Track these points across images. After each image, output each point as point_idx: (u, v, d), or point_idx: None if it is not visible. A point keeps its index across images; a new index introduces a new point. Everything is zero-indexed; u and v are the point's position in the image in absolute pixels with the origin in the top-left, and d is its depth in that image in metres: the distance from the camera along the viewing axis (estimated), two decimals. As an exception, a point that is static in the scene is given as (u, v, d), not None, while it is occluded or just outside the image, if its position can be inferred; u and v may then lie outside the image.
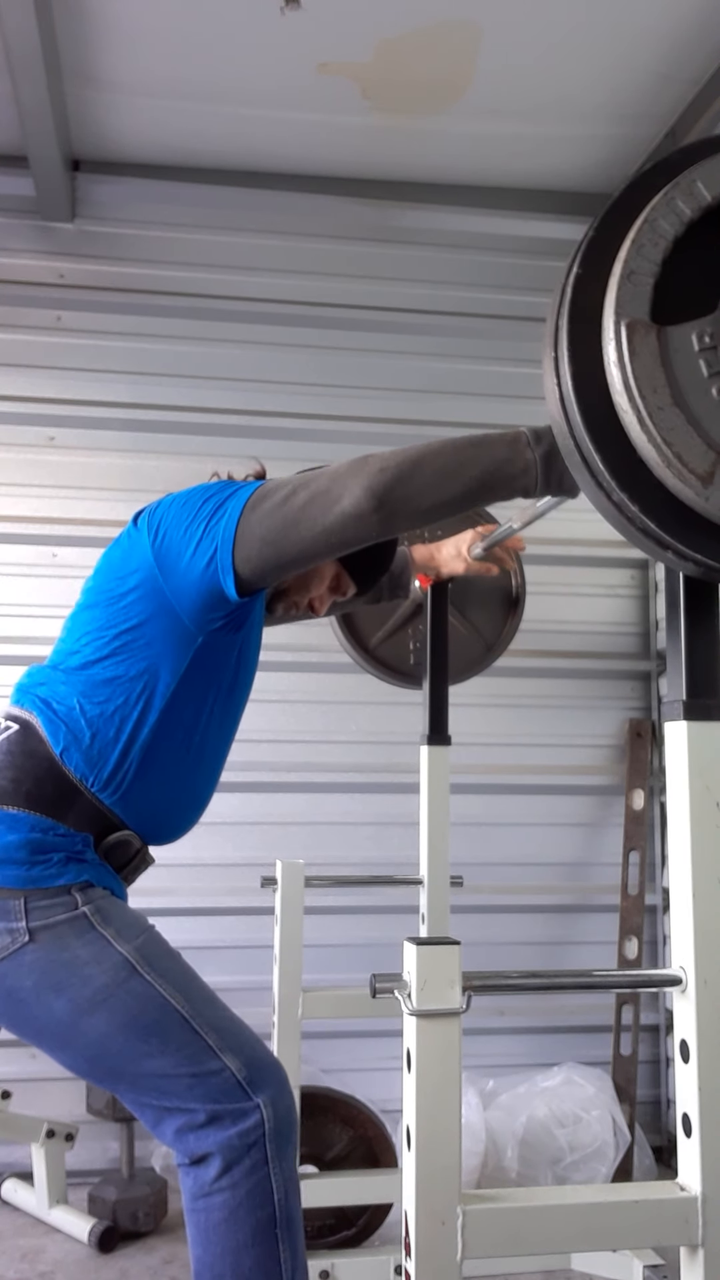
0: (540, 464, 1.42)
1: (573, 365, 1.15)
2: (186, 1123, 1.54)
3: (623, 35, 2.82)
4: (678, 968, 1.24)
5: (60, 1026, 1.54)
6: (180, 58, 2.94)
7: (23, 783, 1.60)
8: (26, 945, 1.52)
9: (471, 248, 3.61)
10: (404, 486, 1.46)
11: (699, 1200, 1.19)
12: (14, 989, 1.53)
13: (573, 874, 3.47)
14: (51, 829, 1.58)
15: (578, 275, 1.17)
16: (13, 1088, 2.88)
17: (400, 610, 2.66)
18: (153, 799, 1.67)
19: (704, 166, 1.16)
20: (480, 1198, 1.19)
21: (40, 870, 1.55)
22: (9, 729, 1.66)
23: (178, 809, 1.75)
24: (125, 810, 1.64)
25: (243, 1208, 1.50)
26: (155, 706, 1.64)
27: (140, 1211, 2.71)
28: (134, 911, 1.63)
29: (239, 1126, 1.52)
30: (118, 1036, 1.53)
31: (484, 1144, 2.84)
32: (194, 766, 1.73)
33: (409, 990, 1.19)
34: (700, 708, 1.24)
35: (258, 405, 3.45)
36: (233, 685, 1.74)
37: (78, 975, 1.52)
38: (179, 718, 1.66)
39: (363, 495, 1.47)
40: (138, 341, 3.43)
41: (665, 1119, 3.38)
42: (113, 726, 1.63)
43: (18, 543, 3.32)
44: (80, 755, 1.61)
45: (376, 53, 2.90)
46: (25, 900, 1.53)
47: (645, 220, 1.14)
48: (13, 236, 3.40)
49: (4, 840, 1.55)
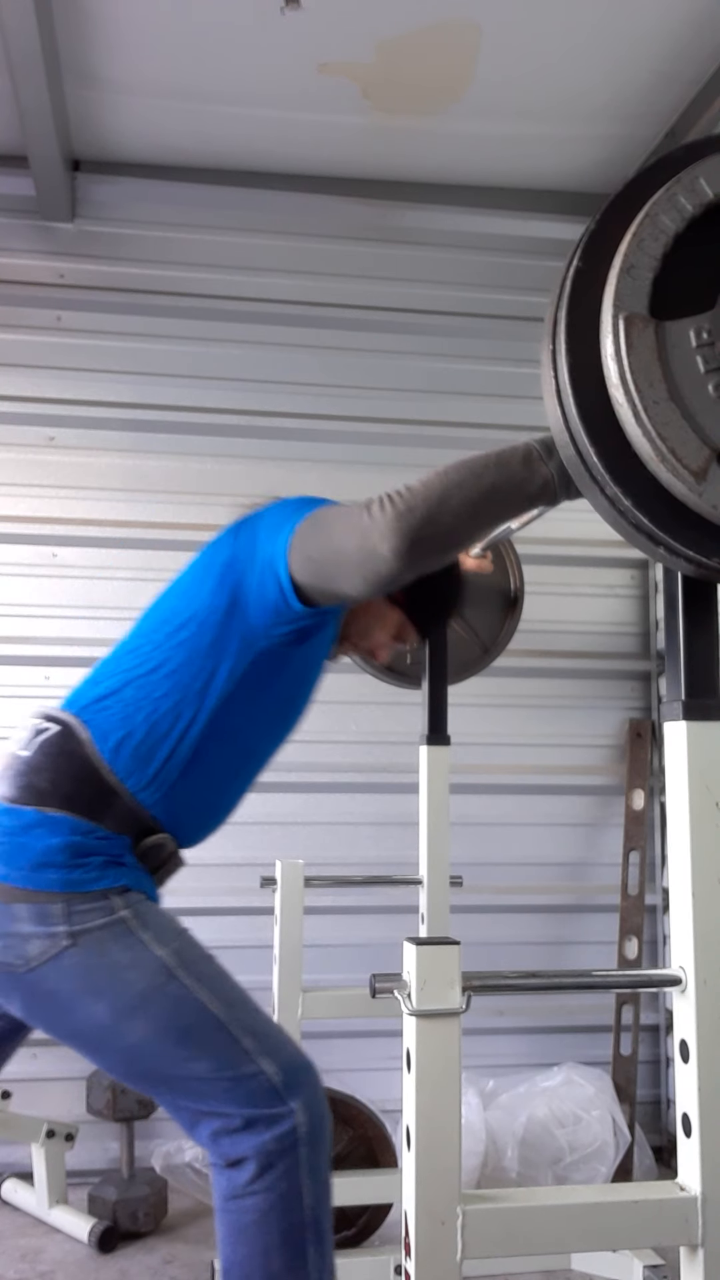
0: (557, 475, 1.38)
1: (570, 358, 1.15)
2: (222, 1126, 1.55)
3: (623, 35, 2.82)
4: (677, 968, 1.24)
5: (99, 1030, 1.54)
6: (181, 58, 2.94)
7: (61, 784, 1.59)
8: (67, 950, 1.52)
9: (471, 248, 3.61)
10: (431, 527, 1.41)
11: (699, 1200, 1.19)
12: (54, 992, 1.54)
13: (573, 874, 3.47)
14: (91, 831, 1.58)
15: (578, 269, 1.17)
16: (13, 1088, 2.88)
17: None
18: (192, 800, 1.67)
19: (708, 163, 1.17)
20: (480, 1198, 1.19)
21: (80, 874, 1.55)
22: (48, 730, 1.65)
23: (212, 812, 1.75)
24: (164, 810, 1.64)
25: (274, 1211, 1.52)
26: (208, 706, 1.64)
27: (140, 1211, 2.71)
28: (169, 914, 1.63)
29: (273, 1131, 1.53)
30: (155, 1040, 1.53)
31: (484, 1144, 2.84)
32: (235, 772, 1.73)
33: (409, 990, 1.19)
34: (700, 707, 1.24)
35: (258, 405, 3.45)
36: (287, 700, 1.73)
37: (118, 979, 1.53)
38: (229, 722, 1.66)
39: (398, 539, 1.41)
40: (138, 341, 3.43)
41: (665, 1119, 3.38)
42: (167, 722, 1.63)
43: (18, 543, 3.32)
44: (130, 751, 1.61)
45: (376, 53, 2.90)
46: (66, 904, 1.53)
47: (647, 215, 1.14)
48: (13, 236, 3.40)
49: (45, 843, 1.55)
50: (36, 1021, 1.60)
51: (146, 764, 1.61)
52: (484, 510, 1.41)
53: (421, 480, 1.44)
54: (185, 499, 3.39)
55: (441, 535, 1.42)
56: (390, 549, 1.41)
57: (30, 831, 1.56)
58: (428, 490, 1.42)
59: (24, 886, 1.53)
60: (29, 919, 1.52)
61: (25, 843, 1.56)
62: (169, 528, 3.36)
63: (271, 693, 1.69)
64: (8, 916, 1.53)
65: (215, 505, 3.41)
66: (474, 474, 1.42)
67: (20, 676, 3.26)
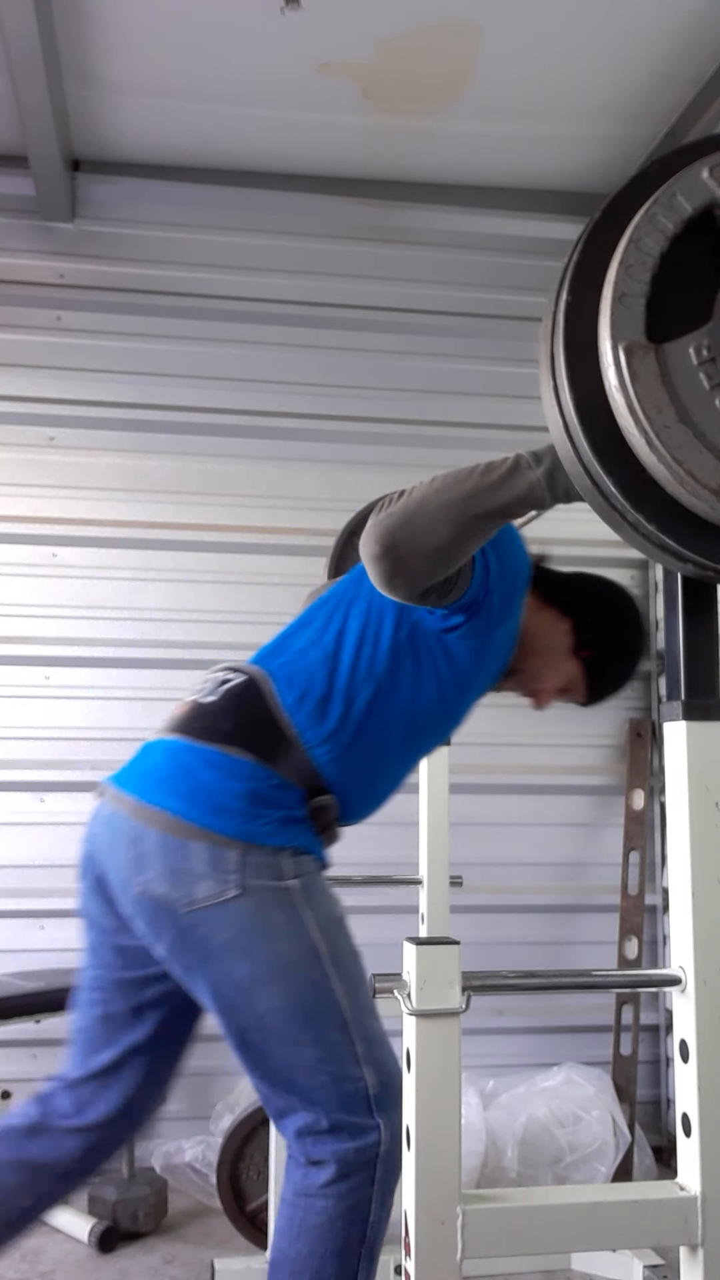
0: (545, 481, 1.40)
1: (574, 392, 1.15)
2: (309, 1126, 1.57)
3: (623, 35, 2.82)
4: (677, 967, 1.24)
5: (234, 989, 1.56)
6: (180, 58, 2.94)
7: (243, 728, 1.64)
8: (233, 900, 1.54)
9: (471, 248, 3.61)
10: (408, 528, 1.43)
11: (699, 1200, 1.19)
12: (206, 939, 1.56)
13: (573, 874, 3.47)
14: (268, 778, 1.61)
15: (569, 303, 1.16)
16: (13, 1088, 2.88)
17: None
18: (357, 767, 1.70)
19: (682, 177, 1.16)
20: (480, 1198, 1.19)
21: (258, 825, 1.57)
22: (233, 680, 1.71)
23: (373, 785, 1.77)
24: (333, 771, 1.67)
25: (340, 1219, 1.54)
26: (375, 675, 1.67)
27: (140, 1211, 2.71)
28: (334, 899, 1.65)
29: (357, 1142, 1.55)
30: (280, 1015, 1.55)
31: (484, 1144, 2.84)
32: (397, 752, 1.75)
33: (408, 990, 1.19)
34: (699, 708, 1.24)
35: (258, 405, 3.45)
36: (450, 689, 1.73)
37: (269, 946, 1.55)
38: (395, 698, 1.68)
39: (373, 542, 1.45)
40: (138, 341, 3.43)
41: (665, 1119, 3.38)
42: (342, 682, 1.66)
43: (18, 543, 3.32)
44: (311, 706, 1.65)
45: (376, 53, 2.90)
46: (242, 853, 1.55)
47: (630, 240, 1.14)
48: (13, 236, 3.40)
49: (225, 785, 1.58)
50: (176, 964, 1.60)
51: (322, 720, 1.65)
52: (461, 514, 1.41)
53: (415, 485, 1.47)
54: (185, 499, 3.39)
55: (417, 538, 1.43)
56: (371, 552, 1.45)
57: (212, 771, 1.60)
58: (409, 495, 1.45)
59: (203, 826, 1.56)
60: (203, 860, 1.55)
61: (206, 782, 1.59)
62: (169, 528, 3.37)
63: (435, 677, 1.70)
64: (182, 853, 1.55)
65: (215, 505, 3.41)
66: (457, 479, 1.44)
67: (20, 676, 3.26)
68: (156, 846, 1.57)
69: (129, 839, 1.60)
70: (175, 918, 1.56)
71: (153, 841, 1.58)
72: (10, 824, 3.21)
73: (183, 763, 1.63)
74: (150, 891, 1.57)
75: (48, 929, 3.18)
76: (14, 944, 3.16)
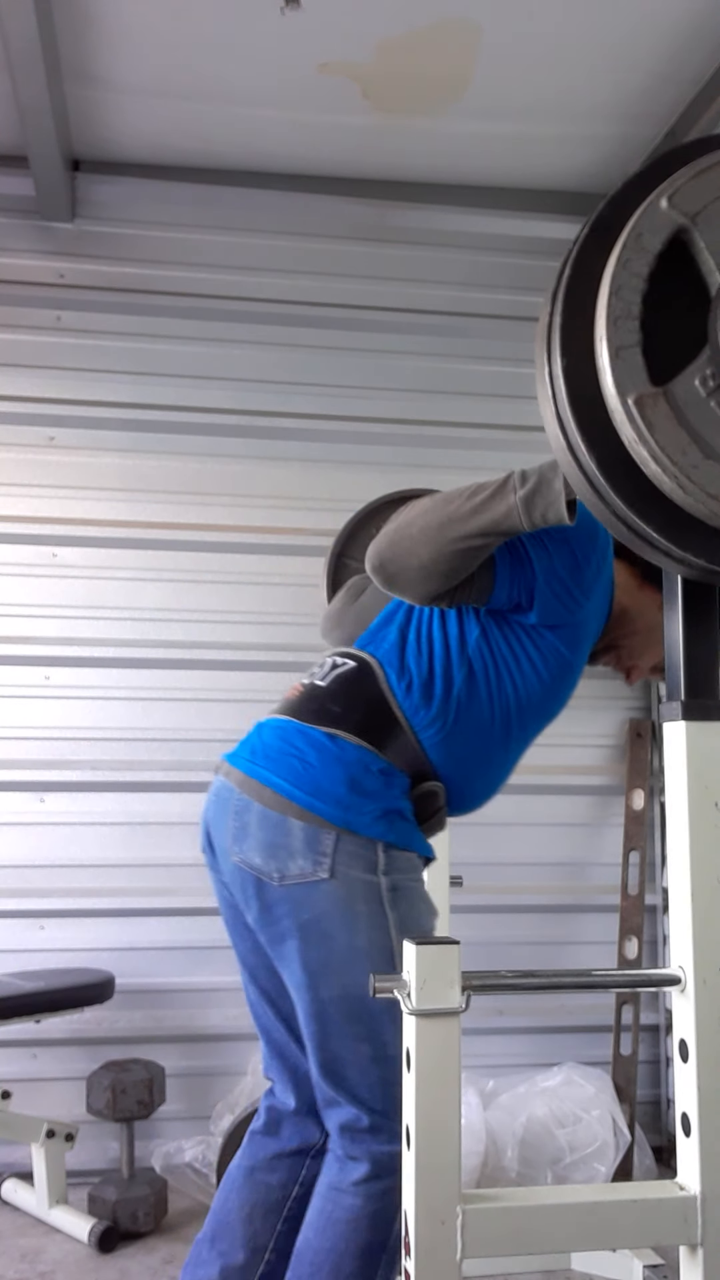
0: (521, 507, 1.48)
1: (594, 451, 1.16)
2: (350, 1123, 1.60)
3: (623, 35, 2.82)
4: (677, 967, 1.24)
5: (305, 970, 1.60)
6: (180, 58, 2.94)
7: (353, 712, 1.67)
8: (323, 881, 1.58)
9: (471, 248, 3.60)
10: (394, 549, 1.56)
11: (698, 1200, 1.19)
12: (289, 914, 1.60)
13: (573, 874, 3.47)
14: (374, 762, 1.64)
15: (566, 365, 1.16)
16: (13, 1088, 2.88)
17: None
18: (466, 752, 1.72)
19: (644, 214, 1.15)
20: (480, 1197, 1.19)
21: (355, 815, 1.60)
22: (345, 665, 1.74)
23: (482, 773, 1.79)
24: (440, 755, 1.70)
25: (366, 1220, 1.57)
26: (469, 660, 1.70)
27: (140, 1211, 2.71)
28: (426, 906, 1.67)
29: (393, 1146, 1.58)
30: (343, 1005, 1.58)
31: (484, 1144, 2.84)
32: (501, 737, 1.76)
33: (409, 990, 1.20)
34: (699, 708, 1.24)
35: (258, 405, 3.45)
36: (544, 671, 1.74)
37: (346, 935, 1.58)
38: (491, 681, 1.71)
39: (369, 558, 1.60)
40: (138, 341, 3.43)
41: (665, 1119, 3.38)
42: (438, 667, 1.69)
43: (18, 543, 3.32)
44: (417, 690, 1.68)
45: (376, 53, 2.90)
46: (338, 838, 1.58)
47: (611, 292, 1.13)
48: (13, 236, 3.40)
49: (329, 769, 1.62)
50: (262, 933, 1.65)
51: (428, 705, 1.68)
52: (438, 538, 1.52)
53: (407, 506, 1.59)
54: (185, 499, 3.39)
55: (401, 558, 1.56)
56: (368, 566, 1.60)
57: (317, 752, 1.63)
58: (404, 513, 1.57)
59: (304, 806, 1.59)
60: (300, 838, 1.58)
61: (311, 763, 1.63)
62: (169, 528, 3.37)
63: (525, 662, 1.72)
64: (283, 828, 1.60)
65: (215, 505, 3.41)
66: (445, 501, 1.54)
67: (20, 676, 3.26)
68: (257, 819, 1.62)
69: (234, 810, 1.66)
70: (264, 889, 1.61)
71: (255, 814, 1.63)
72: (10, 824, 3.21)
73: (291, 742, 1.67)
74: (247, 861, 1.62)
75: (48, 929, 3.19)
76: (14, 944, 3.16)
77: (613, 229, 1.17)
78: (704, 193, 1.15)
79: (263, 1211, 1.73)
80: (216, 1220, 1.75)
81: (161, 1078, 2.88)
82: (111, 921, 3.21)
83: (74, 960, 3.15)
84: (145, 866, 3.24)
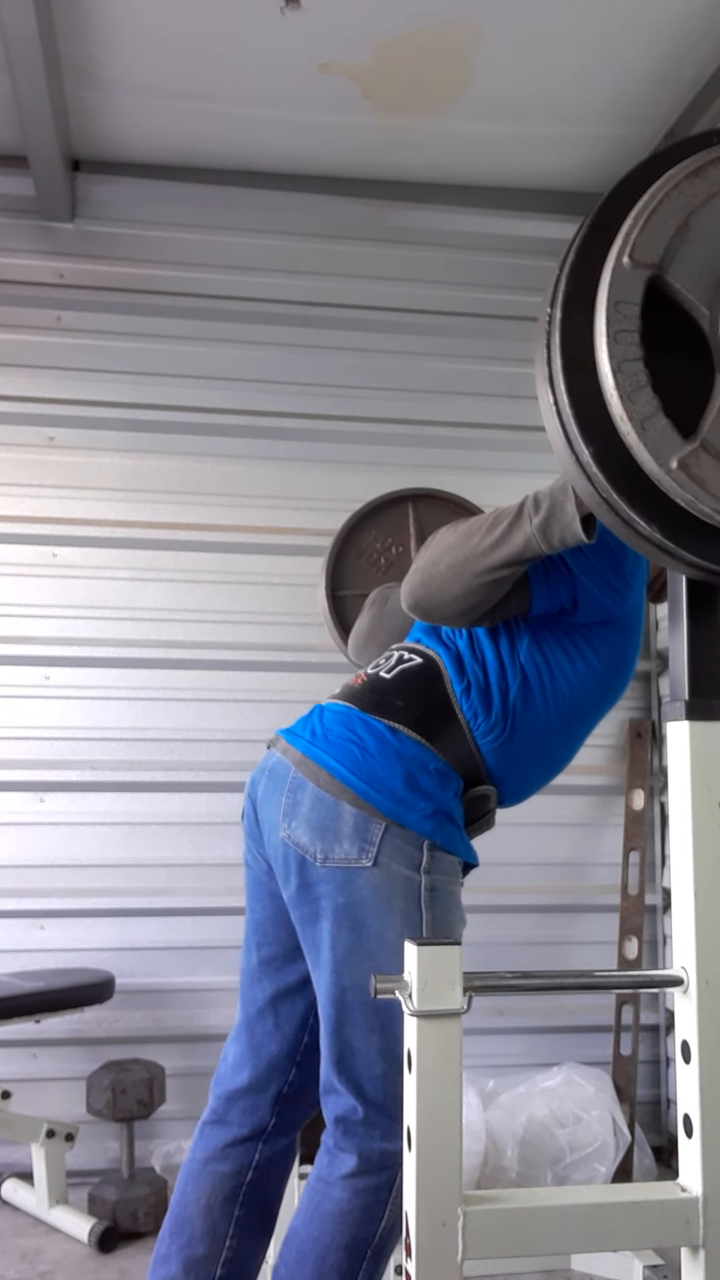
0: (538, 535, 1.52)
1: (638, 508, 1.15)
2: (345, 1114, 1.61)
3: (623, 35, 2.82)
4: (679, 968, 1.24)
5: (331, 953, 1.62)
6: (180, 58, 2.93)
7: (414, 707, 1.70)
8: (365, 869, 1.60)
9: (471, 248, 3.60)
10: (426, 588, 1.63)
11: (699, 1201, 1.19)
12: (325, 895, 1.62)
13: (573, 874, 3.47)
14: (430, 760, 1.66)
15: (594, 453, 1.15)
16: (13, 1088, 2.88)
17: None
18: (523, 755, 1.74)
19: (612, 280, 1.13)
20: (480, 1198, 1.19)
21: (405, 810, 1.62)
22: (412, 660, 1.76)
23: (539, 770, 1.81)
24: (498, 759, 1.72)
25: (351, 1215, 1.58)
26: (522, 663, 1.72)
27: (140, 1211, 2.71)
28: (459, 914, 1.69)
29: (384, 1145, 1.59)
30: (362, 994, 1.60)
31: (484, 1144, 2.83)
32: (560, 736, 1.78)
33: (410, 990, 1.19)
34: (702, 708, 1.24)
35: (258, 405, 3.45)
36: (598, 666, 1.76)
37: (378, 925, 1.60)
38: (546, 682, 1.72)
39: (404, 597, 1.67)
40: (138, 341, 3.42)
41: (665, 1119, 3.38)
42: (493, 673, 1.71)
43: (18, 543, 3.31)
44: (478, 694, 1.70)
45: (376, 53, 2.90)
46: (386, 829, 1.61)
47: (614, 371, 1.12)
48: (13, 236, 3.40)
49: (386, 761, 1.64)
50: (295, 911, 1.67)
51: (487, 710, 1.70)
52: (464, 574, 1.58)
53: (434, 538, 1.64)
54: (185, 499, 3.39)
55: (434, 595, 1.63)
56: (405, 605, 1.68)
57: (377, 742, 1.65)
58: (429, 550, 1.63)
59: (358, 793, 1.62)
60: (350, 823, 1.61)
61: (370, 752, 1.65)
62: (169, 528, 3.36)
63: (579, 659, 1.74)
64: (334, 811, 1.62)
65: (215, 505, 3.41)
66: (467, 536, 1.59)
67: (20, 676, 3.26)
68: (311, 799, 1.64)
69: (290, 787, 1.68)
70: (306, 868, 1.63)
71: (309, 794, 1.64)
72: (10, 824, 3.21)
73: (352, 729, 1.69)
74: (294, 838, 1.64)
75: (48, 929, 3.18)
76: (14, 944, 3.16)
77: (610, 231, 1.17)
78: (659, 236, 1.13)
79: (220, 1200, 1.74)
80: (175, 1215, 1.76)
81: (161, 1078, 2.88)
82: (111, 921, 3.21)
83: (74, 960, 3.15)
84: (145, 866, 3.24)
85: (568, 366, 1.16)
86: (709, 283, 1.14)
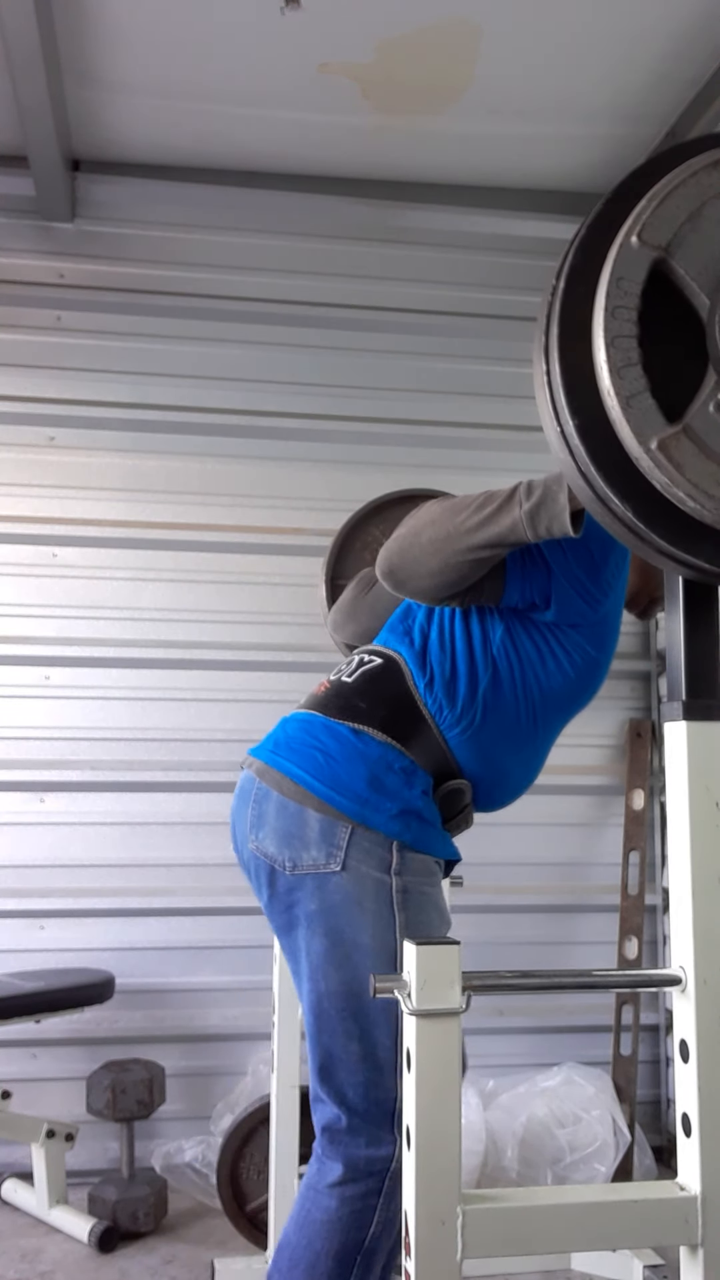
0: (526, 520, 1.50)
1: (631, 505, 1.15)
2: (330, 1123, 1.60)
3: (623, 35, 2.82)
4: (677, 968, 1.24)
5: (309, 957, 1.61)
6: (180, 58, 2.94)
7: (378, 708, 1.69)
8: (334, 874, 1.59)
9: (471, 248, 3.61)
10: (403, 556, 1.60)
11: (699, 1200, 1.19)
12: (297, 903, 1.61)
13: (572, 874, 3.47)
14: (397, 759, 1.65)
15: (579, 425, 1.15)
16: (13, 1088, 2.88)
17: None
18: (494, 749, 1.73)
19: (618, 257, 1.13)
20: (480, 1198, 1.19)
21: (371, 811, 1.61)
22: (372, 662, 1.76)
23: (511, 769, 1.79)
24: (467, 754, 1.70)
25: (340, 1222, 1.57)
26: (493, 657, 1.71)
27: (140, 1211, 2.71)
28: (439, 913, 1.67)
29: (369, 1152, 1.58)
30: (339, 1000, 1.59)
31: (484, 1144, 2.84)
32: (528, 735, 1.76)
33: (409, 990, 1.19)
34: (700, 708, 1.24)
35: (258, 405, 3.45)
36: (567, 665, 1.74)
37: (351, 930, 1.58)
38: (517, 676, 1.71)
39: (379, 564, 1.64)
40: (138, 341, 3.43)
41: (665, 1119, 3.38)
42: (461, 665, 1.70)
43: (18, 543, 3.32)
44: (441, 686, 1.69)
45: (376, 53, 2.90)
46: (352, 831, 1.59)
47: (608, 345, 1.11)
48: (13, 236, 3.40)
49: (350, 764, 1.63)
50: (271, 920, 1.67)
51: (452, 703, 1.69)
52: (445, 549, 1.55)
53: (419, 510, 1.61)
54: (185, 499, 3.39)
55: (411, 565, 1.60)
56: (379, 571, 1.64)
57: (340, 746, 1.65)
58: (412, 520, 1.60)
59: (321, 797, 1.61)
60: (315, 828, 1.60)
61: (333, 756, 1.64)
62: (169, 528, 3.37)
63: (550, 656, 1.73)
64: (299, 819, 1.61)
65: (215, 505, 3.41)
66: (453, 511, 1.56)
67: (20, 676, 3.26)
68: (275, 808, 1.64)
69: (254, 798, 1.68)
70: (276, 877, 1.62)
71: (273, 803, 1.64)
72: (10, 824, 3.21)
73: (314, 735, 1.68)
74: (262, 848, 1.64)
75: (48, 929, 3.19)
76: (14, 944, 3.16)
77: (624, 211, 1.17)
78: (670, 220, 1.13)
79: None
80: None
81: (161, 1078, 2.88)
82: (111, 921, 3.21)
83: (74, 960, 3.15)
84: (145, 866, 3.24)
85: (564, 336, 1.16)
86: (714, 273, 1.15)
